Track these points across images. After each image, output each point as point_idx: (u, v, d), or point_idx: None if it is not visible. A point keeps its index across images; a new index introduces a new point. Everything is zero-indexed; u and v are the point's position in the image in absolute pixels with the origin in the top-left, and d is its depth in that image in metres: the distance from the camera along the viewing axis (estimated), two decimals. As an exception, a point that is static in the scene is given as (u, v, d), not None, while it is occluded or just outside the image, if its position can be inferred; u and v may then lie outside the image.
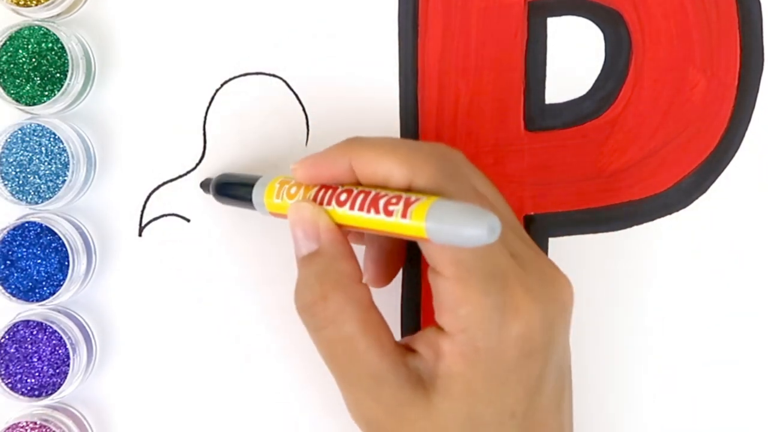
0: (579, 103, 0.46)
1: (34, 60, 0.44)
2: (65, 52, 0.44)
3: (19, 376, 0.45)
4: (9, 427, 0.44)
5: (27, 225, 0.45)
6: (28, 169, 0.45)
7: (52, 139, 0.45)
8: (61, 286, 0.44)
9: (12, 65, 0.44)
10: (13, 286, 0.45)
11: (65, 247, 0.44)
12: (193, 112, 0.47)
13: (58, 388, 0.44)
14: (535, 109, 0.46)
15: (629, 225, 0.46)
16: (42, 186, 0.45)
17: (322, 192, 0.38)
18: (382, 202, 0.35)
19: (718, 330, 0.46)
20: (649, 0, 0.46)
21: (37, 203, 0.45)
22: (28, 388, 0.45)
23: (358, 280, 0.38)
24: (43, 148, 0.45)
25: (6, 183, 0.45)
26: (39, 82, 0.44)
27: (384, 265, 0.42)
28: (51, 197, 0.44)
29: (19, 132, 0.45)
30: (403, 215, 0.34)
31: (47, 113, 0.46)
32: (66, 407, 0.46)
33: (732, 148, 0.46)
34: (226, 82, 0.47)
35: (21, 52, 0.44)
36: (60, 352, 0.45)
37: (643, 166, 0.46)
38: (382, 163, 0.36)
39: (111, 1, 0.46)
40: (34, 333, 0.45)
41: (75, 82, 0.45)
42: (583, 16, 0.46)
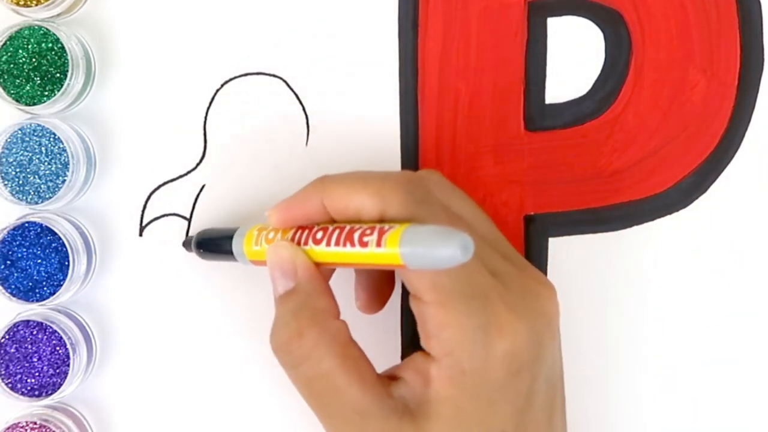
0: (579, 103, 0.46)
1: (34, 60, 0.44)
2: (65, 52, 0.44)
3: (19, 376, 0.45)
4: (9, 427, 0.44)
5: (27, 225, 0.45)
6: (28, 169, 0.45)
7: (52, 139, 0.45)
8: (61, 286, 0.44)
9: (12, 65, 0.44)
10: (13, 286, 0.45)
11: (65, 247, 0.44)
12: (193, 112, 0.47)
13: (58, 388, 0.44)
14: (535, 109, 0.46)
15: (629, 225, 0.46)
16: (42, 186, 0.45)
17: (299, 233, 0.38)
18: (356, 235, 0.35)
19: (718, 330, 0.46)
20: (649, 0, 0.46)
21: (37, 203, 0.45)
22: (28, 388, 0.45)
23: (334, 316, 0.37)
24: (43, 148, 0.45)
25: (6, 183, 0.45)
26: (39, 82, 0.44)
27: (375, 291, 0.42)
28: (51, 197, 0.44)
29: (19, 132, 0.45)
30: (378, 244, 0.34)
31: (47, 113, 0.46)
32: (66, 407, 0.46)
33: (732, 148, 0.46)
34: (226, 82, 0.47)
35: (21, 52, 0.44)
36: (60, 352, 0.45)
37: (643, 166, 0.46)
38: (352, 197, 0.36)
39: (111, 1, 0.46)
40: (34, 333, 0.45)
41: (75, 82, 0.45)
42: (583, 16, 0.46)
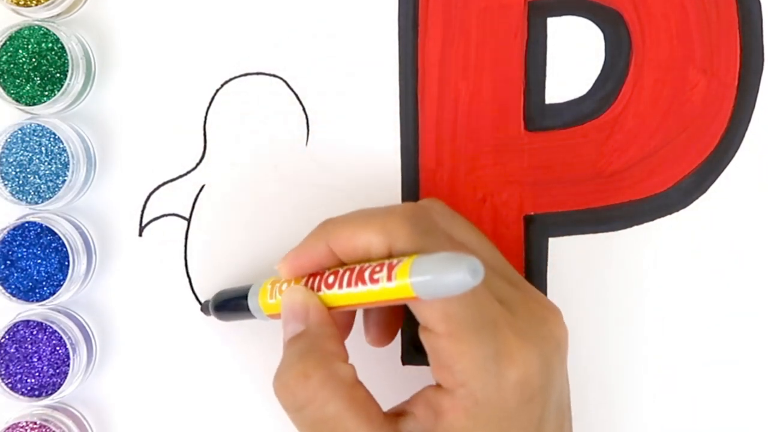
0: (579, 103, 0.46)
1: (34, 60, 0.44)
2: (65, 52, 0.44)
3: (19, 376, 0.45)
4: (9, 427, 0.44)
5: (27, 225, 0.45)
6: (28, 169, 0.45)
7: (52, 139, 0.45)
8: (61, 286, 0.44)
9: (12, 65, 0.44)
10: (13, 286, 0.45)
11: (65, 247, 0.44)
12: (193, 112, 0.47)
13: (58, 388, 0.44)
14: (535, 109, 0.46)
15: (629, 225, 0.46)
16: (42, 186, 0.45)
17: (311, 280, 0.38)
18: (367, 273, 0.35)
19: (718, 330, 0.46)
20: (649, 0, 0.46)
21: (37, 203, 0.45)
22: (28, 388, 0.45)
23: (342, 360, 0.37)
24: (43, 148, 0.45)
25: (6, 183, 0.45)
26: (39, 82, 0.44)
27: (384, 325, 0.42)
28: (51, 197, 0.44)
29: (19, 132, 0.45)
30: (389, 279, 0.34)
31: (47, 113, 0.46)
32: (66, 407, 0.46)
33: (732, 148, 0.46)
34: (226, 82, 0.47)
35: (21, 52, 0.44)
36: (60, 352, 0.45)
37: (643, 166, 0.46)
38: (358, 237, 0.36)
39: (111, 1, 0.46)
40: (34, 333, 0.45)
41: (75, 82, 0.45)
42: (583, 16, 0.46)
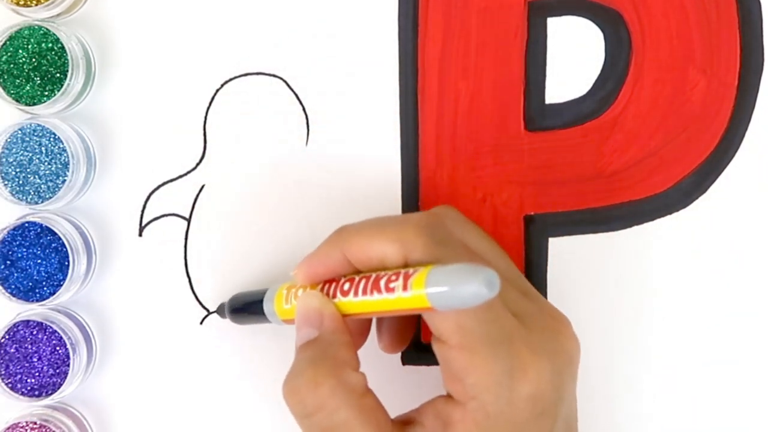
0: (579, 103, 0.46)
1: (34, 60, 0.44)
2: (65, 52, 0.44)
3: (19, 376, 0.45)
4: (9, 427, 0.44)
5: (27, 225, 0.45)
6: (28, 169, 0.45)
7: (52, 139, 0.45)
8: (61, 286, 0.44)
9: (12, 65, 0.44)
10: (13, 286, 0.45)
11: (65, 247, 0.44)
12: (193, 112, 0.47)
13: (58, 388, 0.44)
14: (535, 109, 0.46)
15: (629, 225, 0.46)
16: (42, 186, 0.45)
17: (326, 287, 0.38)
18: (382, 282, 0.35)
19: (718, 330, 0.46)
20: (649, 0, 0.46)
21: (37, 203, 0.45)
22: (28, 388, 0.45)
23: (353, 369, 0.37)
24: (43, 148, 0.45)
25: (6, 183, 0.45)
26: (39, 82, 0.44)
27: (397, 333, 0.42)
28: (51, 197, 0.44)
29: (19, 132, 0.45)
30: (404, 288, 0.34)
31: (47, 113, 0.46)
32: (66, 407, 0.46)
33: (732, 148, 0.46)
34: (226, 82, 0.47)
35: (21, 52, 0.44)
36: (60, 352, 0.45)
37: (643, 166, 0.46)
38: (373, 246, 0.36)
39: (111, 1, 0.46)
40: (34, 333, 0.45)
41: (75, 82, 0.45)
42: (583, 16, 0.46)
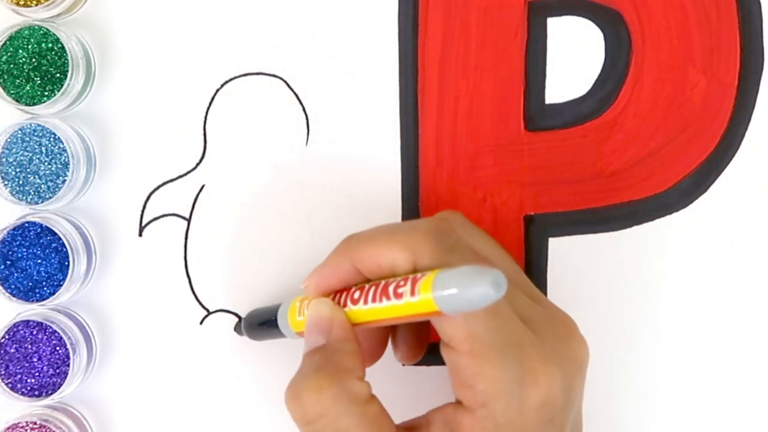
0: (579, 103, 0.46)
1: (34, 60, 0.44)
2: (65, 52, 0.44)
3: (19, 376, 0.45)
4: (9, 427, 0.44)
5: (27, 225, 0.45)
6: (28, 169, 0.45)
7: (52, 139, 0.45)
8: (61, 286, 0.44)
9: (12, 65, 0.44)
10: (13, 286, 0.45)
11: (65, 247, 0.44)
12: (193, 112, 0.47)
13: (58, 388, 0.44)
14: (535, 109, 0.46)
15: (629, 225, 0.46)
16: (42, 186, 0.45)
17: (337, 297, 0.38)
18: (391, 288, 0.35)
19: (718, 330, 0.46)
20: (649, 0, 0.46)
21: (37, 203, 0.45)
22: (28, 388, 0.45)
23: (358, 377, 0.37)
24: (43, 148, 0.45)
25: (6, 183, 0.45)
26: (39, 82, 0.44)
27: (413, 342, 0.42)
28: (51, 197, 0.44)
29: (19, 132, 0.45)
30: (412, 293, 0.34)
31: (47, 113, 0.46)
32: (66, 407, 0.46)
33: (732, 148, 0.46)
34: (226, 82, 0.47)
35: (21, 52, 0.44)
36: (60, 352, 0.45)
37: (643, 166, 0.46)
38: (382, 255, 0.36)
39: (111, 1, 0.46)
40: (34, 333, 0.45)
41: (75, 82, 0.45)
42: (583, 16, 0.46)
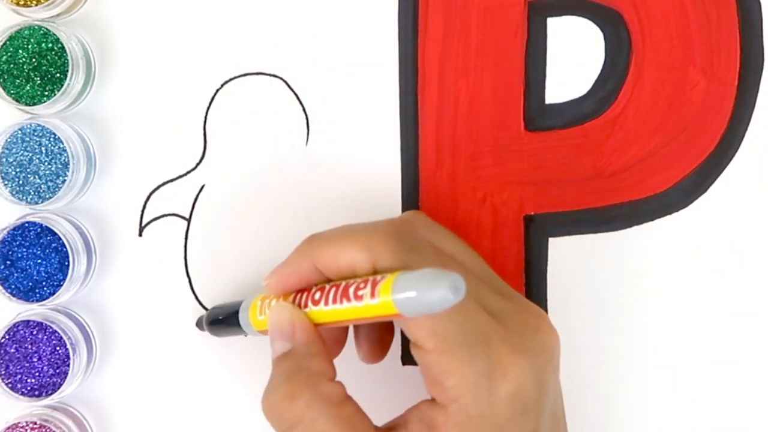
0: (579, 103, 0.46)
1: (34, 60, 0.44)
2: (65, 52, 0.44)
3: (19, 376, 0.45)
4: (9, 427, 0.44)
5: (27, 225, 0.45)
6: (28, 169, 0.45)
7: (52, 139, 0.45)
8: (61, 286, 0.44)
9: (12, 65, 0.44)
10: (13, 286, 0.45)
11: (65, 247, 0.44)
12: (193, 112, 0.47)
13: (58, 388, 0.44)
14: (535, 109, 0.46)
15: (629, 225, 0.46)
16: (42, 186, 0.45)
17: (298, 297, 0.38)
18: (351, 290, 0.35)
19: (718, 330, 0.46)
20: (649, 0, 0.46)
21: (37, 203, 0.45)
22: (28, 388, 0.45)
23: (329, 378, 0.37)
24: (43, 148, 0.45)
25: (6, 183, 0.45)
26: (39, 82, 0.44)
27: (376, 341, 0.42)
28: (51, 197, 0.44)
29: (19, 132, 0.45)
30: (372, 296, 0.34)
31: (47, 113, 0.46)
32: (66, 407, 0.46)
33: (732, 148, 0.46)
34: (226, 82, 0.47)
35: (21, 52, 0.44)
36: (60, 352, 0.45)
37: (643, 166, 0.46)
38: (343, 255, 0.36)
39: (111, 1, 0.46)
40: (34, 333, 0.45)
41: (75, 82, 0.45)
42: (583, 16, 0.46)
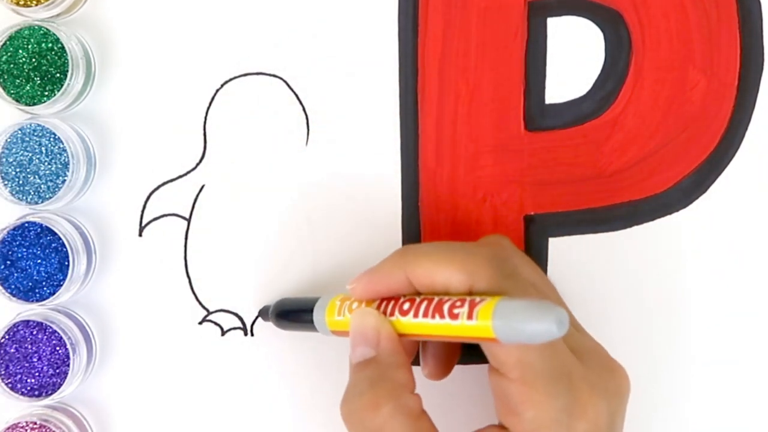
0: (579, 103, 0.46)
1: (34, 60, 0.44)
2: (65, 52, 0.44)
3: (19, 376, 0.45)
4: (9, 427, 0.44)
5: (27, 225, 0.45)
6: (28, 169, 0.45)
7: (52, 139, 0.45)
8: (61, 286, 0.44)
9: (12, 65, 0.44)
10: (13, 286, 0.45)
11: (65, 247, 0.44)
12: (193, 112, 0.47)
13: (58, 388, 0.44)
14: (535, 109, 0.46)
15: (629, 225, 0.46)
16: (42, 186, 0.45)
17: (384, 304, 0.38)
18: (446, 307, 0.35)
19: (718, 330, 0.46)
20: (649, 0, 0.46)
21: (37, 203, 0.45)
22: (28, 388, 0.45)
23: (411, 391, 0.37)
24: (43, 148, 0.45)
25: (6, 183, 0.45)
26: (39, 82, 0.44)
27: (443, 358, 0.42)
28: (51, 197, 0.44)
29: (19, 132, 0.45)
30: (469, 317, 0.33)
31: (47, 113, 0.46)
32: (66, 407, 0.46)
33: (732, 148, 0.46)
34: (226, 82, 0.47)
35: (21, 52, 0.44)
36: (60, 352, 0.45)
37: (643, 166, 0.46)
38: (439, 272, 0.36)
39: (111, 1, 0.46)
40: (34, 333, 0.45)
41: (75, 82, 0.45)
42: (583, 16, 0.46)
